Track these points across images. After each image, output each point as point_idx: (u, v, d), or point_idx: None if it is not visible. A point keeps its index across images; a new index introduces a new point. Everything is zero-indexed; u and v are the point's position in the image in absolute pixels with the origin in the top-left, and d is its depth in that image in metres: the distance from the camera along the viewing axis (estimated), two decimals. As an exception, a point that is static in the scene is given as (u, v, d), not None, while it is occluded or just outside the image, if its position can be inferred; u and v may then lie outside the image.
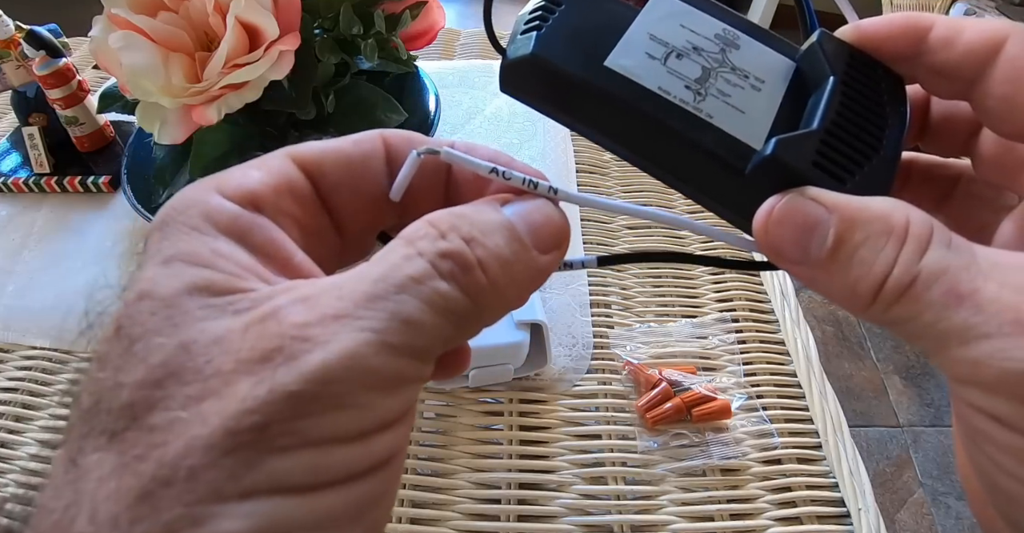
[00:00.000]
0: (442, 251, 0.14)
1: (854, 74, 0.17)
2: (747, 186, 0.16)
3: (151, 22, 0.40)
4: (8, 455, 0.41)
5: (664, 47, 0.17)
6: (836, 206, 0.15)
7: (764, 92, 0.17)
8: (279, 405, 0.12)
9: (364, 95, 0.47)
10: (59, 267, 0.51)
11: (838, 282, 0.15)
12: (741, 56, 0.18)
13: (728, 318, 0.47)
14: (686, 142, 0.16)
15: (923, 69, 0.17)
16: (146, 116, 0.42)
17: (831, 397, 0.42)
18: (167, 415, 0.12)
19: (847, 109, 0.16)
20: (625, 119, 0.16)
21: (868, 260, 0.14)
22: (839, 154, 0.16)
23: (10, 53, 0.55)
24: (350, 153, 0.17)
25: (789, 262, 0.15)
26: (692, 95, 0.16)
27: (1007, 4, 1.43)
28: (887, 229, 0.14)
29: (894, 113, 0.17)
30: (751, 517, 0.37)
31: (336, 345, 0.12)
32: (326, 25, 0.45)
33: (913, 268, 0.14)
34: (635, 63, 0.17)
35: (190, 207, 0.14)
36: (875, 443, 1.17)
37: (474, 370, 0.40)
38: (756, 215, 0.16)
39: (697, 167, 0.17)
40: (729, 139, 0.16)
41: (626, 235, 0.54)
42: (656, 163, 0.17)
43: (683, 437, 0.40)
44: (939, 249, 0.14)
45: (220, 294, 0.13)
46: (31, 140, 0.57)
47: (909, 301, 0.14)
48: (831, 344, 1.31)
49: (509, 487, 0.38)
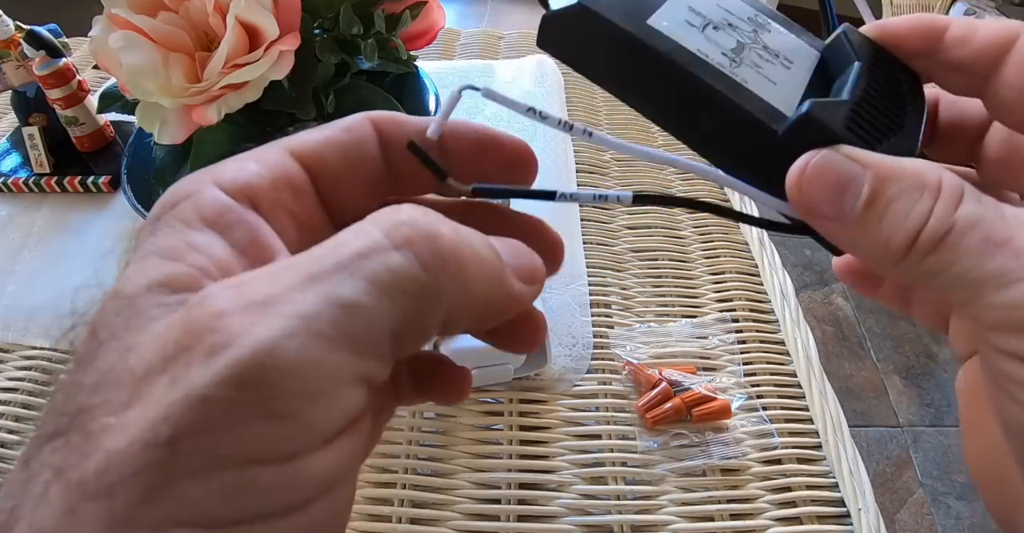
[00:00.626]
0: (402, 220, 0.12)
1: (876, 63, 0.18)
2: (780, 147, 0.16)
3: (151, 22, 0.40)
4: (8, 455, 0.41)
5: (702, 18, 0.18)
6: (871, 163, 0.15)
7: (793, 71, 0.18)
8: (191, 413, 0.10)
9: (364, 95, 0.47)
10: (59, 267, 0.51)
11: (872, 237, 0.15)
12: (771, 38, 0.18)
13: (728, 318, 0.47)
14: (721, 101, 0.16)
15: (939, 65, 0.18)
16: (146, 116, 0.42)
17: (831, 397, 0.43)
18: (102, 421, 0.10)
19: (872, 88, 0.17)
20: (663, 75, 0.17)
21: (903, 213, 0.15)
22: (868, 123, 0.16)
23: (10, 53, 0.55)
24: (345, 141, 0.16)
25: (823, 218, 0.16)
26: (728, 61, 0.17)
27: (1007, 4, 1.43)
28: (921, 184, 0.15)
29: (914, 102, 0.18)
30: (751, 517, 0.37)
31: (250, 337, 0.10)
32: (326, 25, 0.45)
33: (948, 219, 0.14)
34: (676, 26, 0.17)
35: (183, 199, 0.13)
36: (875, 443, 1.17)
37: (474, 370, 0.40)
38: (790, 171, 0.16)
39: (730, 129, 0.17)
40: (763, 103, 0.16)
41: (626, 235, 0.54)
42: (687, 124, 0.17)
43: (683, 437, 0.40)
44: (972, 202, 0.14)
45: (177, 291, 0.12)
46: (31, 140, 0.57)
47: (945, 251, 0.14)
48: (831, 344, 1.31)
49: (509, 487, 0.38)
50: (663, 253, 0.53)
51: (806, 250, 1.49)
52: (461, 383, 0.18)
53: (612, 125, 0.65)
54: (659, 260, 0.52)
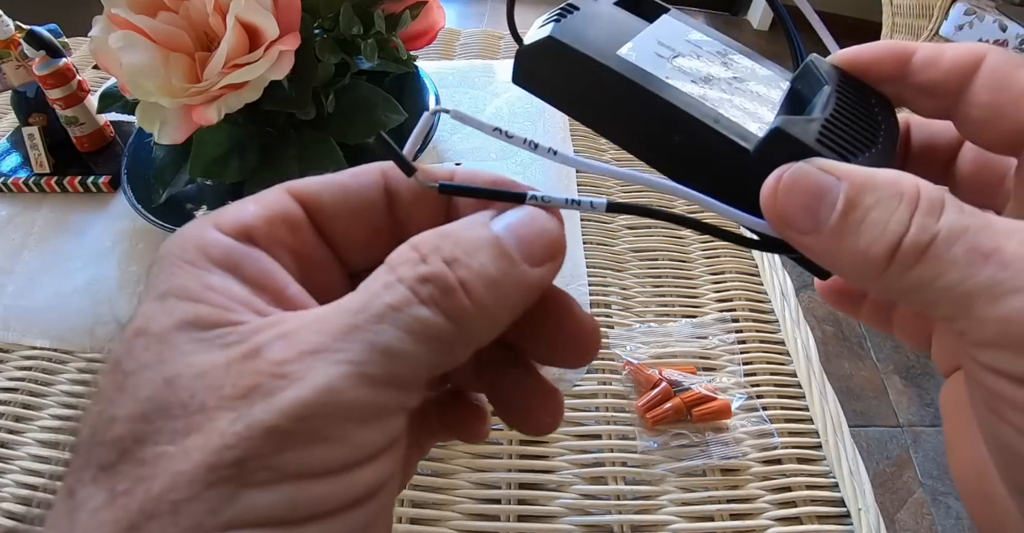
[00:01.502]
0: (422, 275, 0.14)
1: (846, 88, 0.18)
2: (752, 165, 0.16)
3: (151, 22, 0.40)
4: (8, 455, 0.41)
5: (671, 51, 0.18)
6: (846, 173, 0.15)
7: (763, 98, 0.18)
8: (256, 440, 0.12)
9: (364, 95, 0.47)
10: (59, 267, 0.51)
11: (850, 248, 0.14)
12: (740, 70, 0.19)
13: (728, 318, 0.47)
14: (692, 124, 0.16)
15: (909, 89, 0.18)
16: (146, 116, 0.42)
17: (831, 397, 0.43)
18: (155, 449, 0.12)
19: (844, 108, 0.17)
20: (634, 102, 0.17)
21: (881, 221, 0.14)
22: (841, 138, 0.16)
23: (10, 53, 0.55)
24: (347, 184, 0.17)
25: (798, 231, 0.15)
26: (698, 88, 0.17)
27: (1007, 4, 1.43)
28: (898, 192, 0.14)
29: (887, 121, 0.18)
30: (751, 517, 0.37)
31: (311, 380, 0.12)
32: (326, 25, 0.45)
33: (931, 228, 0.14)
34: (645, 57, 0.18)
35: (187, 242, 0.15)
36: (875, 443, 1.17)
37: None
38: (764, 184, 0.15)
39: (703, 151, 0.17)
40: (734, 124, 0.17)
41: (626, 235, 0.54)
42: (661, 150, 0.18)
43: (683, 437, 0.40)
44: (955, 211, 0.14)
45: (209, 328, 0.13)
46: (31, 140, 0.57)
47: (929, 262, 0.14)
48: (831, 344, 1.32)
49: (509, 487, 0.38)
50: (663, 253, 0.53)
51: (806, 250, 1.49)
52: (478, 422, 0.20)
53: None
54: (659, 260, 0.52)
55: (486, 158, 0.57)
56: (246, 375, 0.12)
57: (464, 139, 0.59)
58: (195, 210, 0.49)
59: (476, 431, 0.20)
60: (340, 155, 0.45)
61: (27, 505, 0.38)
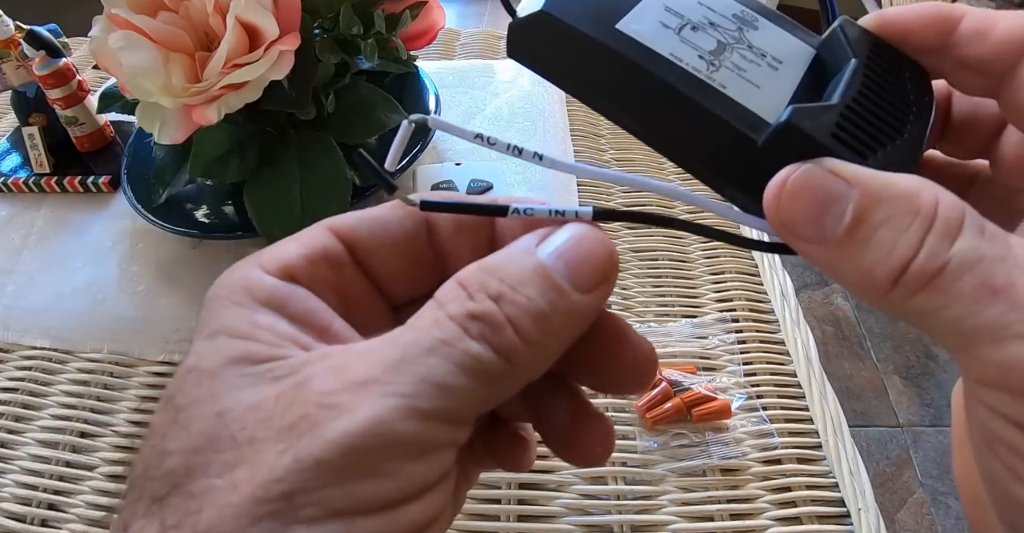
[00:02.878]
0: (470, 312, 0.13)
1: (877, 60, 0.16)
2: (759, 158, 0.15)
3: (151, 22, 0.40)
4: (8, 455, 0.41)
5: (679, 19, 0.16)
6: (858, 180, 0.13)
7: (781, 71, 0.16)
8: (304, 473, 0.12)
9: (364, 95, 0.47)
10: (59, 267, 0.51)
11: (854, 265, 0.13)
12: (759, 37, 0.17)
13: (728, 318, 0.47)
14: (695, 109, 0.15)
15: (951, 62, 0.16)
16: (146, 116, 0.42)
17: (831, 397, 0.42)
18: (204, 482, 0.12)
19: (869, 89, 0.15)
20: (633, 83, 0.16)
21: (889, 242, 0.13)
22: (860, 130, 0.15)
23: (10, 53, 0.55)
24: (384, 218, 0.17)
25: (801, 239, 0.14)
26: (705, 65, 0.16)
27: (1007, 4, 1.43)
28: (913, 209, 0.13)
29: (919, 103, 0.16)
30: (751, 517, 0.37)
31: (361, 412, 0.12)
32: (326, 25, 0.45)
33: (942, 255, 0.12)
34: (648, 29, 0.16)
35: (234, 283, 0.15)
36: (875, 443, 1.17)
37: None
38: (768, 186, 0.14)
39: (705, 138, 0.15)
40: (742, 110, 0.15)
41: (626, 235, 0.54)
42: (662, 134, 0.16)
43: (683, 437, 0.40)
44: (972, 237, 0.13)
45: (259, 362, 0.13)
46: (31, 140, 0.57)
47: (935, 291, 0.12)
48: (831, 344, 1.31)
49: (509, 487, 0.38)
50: (663, 253, 0.53)
51: (806, 250, 1.49)
52: (522, 451, 0.19)
53: (613, 126, 0.65)
54: (659, 260, 0.52)
55: (486, 158, 0.57)
56: (295, 406, 0.12)
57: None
58: (195, 210, 0.49)
59: (521, 460, 0.19)
60: (340, 155, 0.45)
61: (27, 505, 0.38)
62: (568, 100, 0.66)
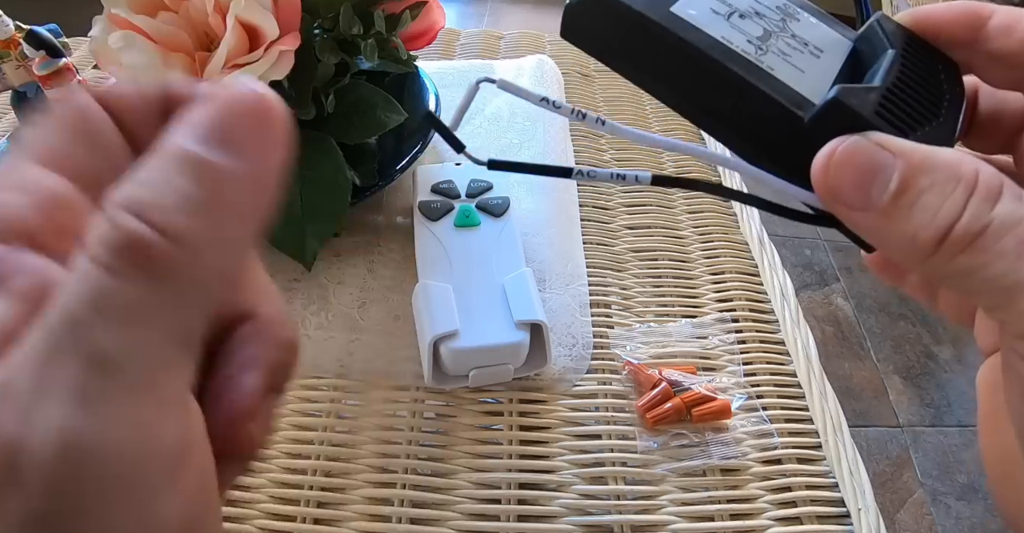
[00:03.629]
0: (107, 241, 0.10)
1: (912, 51, 0.17)
2: (806, 135, 0.16)
3: (151, 22, 0.40)
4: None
5: (728, 7, 0.17)
6: (902, 151, 0.14)
7: (823, 59, 0.17)
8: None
9: (364, 95, 0.47)
10: (59, 267, 0.51)
11: (899, 229, 0.14)
12: (801, 27, 0.18)
13: (728, 318, 0.47)
14: (746, 87, 0.16)
15: (980, 56, 0.17)
16: (146, 116, 0.42)
17: (831, 397, 0.43)
18: None
19: (907, 76, 0.16)
20: (686, 62, 0.16)
21: (934, 206, 0.14)
22: (901, 110, 0.16)
23: (10, 53, 0.55)
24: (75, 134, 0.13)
25: (848, 207, 0.15)
26: (754, 48, 0.17)
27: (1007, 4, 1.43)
28: (956, 176, 0.14)
29: (952, 91, 0.17)
30: (751, 517, 0.37)
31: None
32: (326, 25, 0.45)
33: (984, 217, 0.13)
34: (700, 14, 0.17)
35: None
36: (875, 443, 1.17)
37: (474, 370, 0.40)
38: (816, 157, 0.15)
39: (754, 116, 0.16)
40: (789, 90, 0.16)
41: (626, 235, 0.54)
42: (710, 112, 0.17)
43: (683, 437, 0.40)
44: (1011, 201, 0.14)
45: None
46: (31, 140, 0.57)
47: (978, 250, 0.13)
48: (831, 344, 1.31)
49: (509, 487, 0.38)
50: (663, 253, 0.53)
51: (806, 250, 1.50)
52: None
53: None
54: (659, 260, 0.52)
55: (487, 156, 0.57)
56: None
57: (465, 139, 0.59)
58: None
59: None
60: (340, 155, 0.45)
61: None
62: (568, 99, 0.66)
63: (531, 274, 0.42)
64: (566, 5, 0.17)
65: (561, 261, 0.49)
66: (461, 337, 0.38)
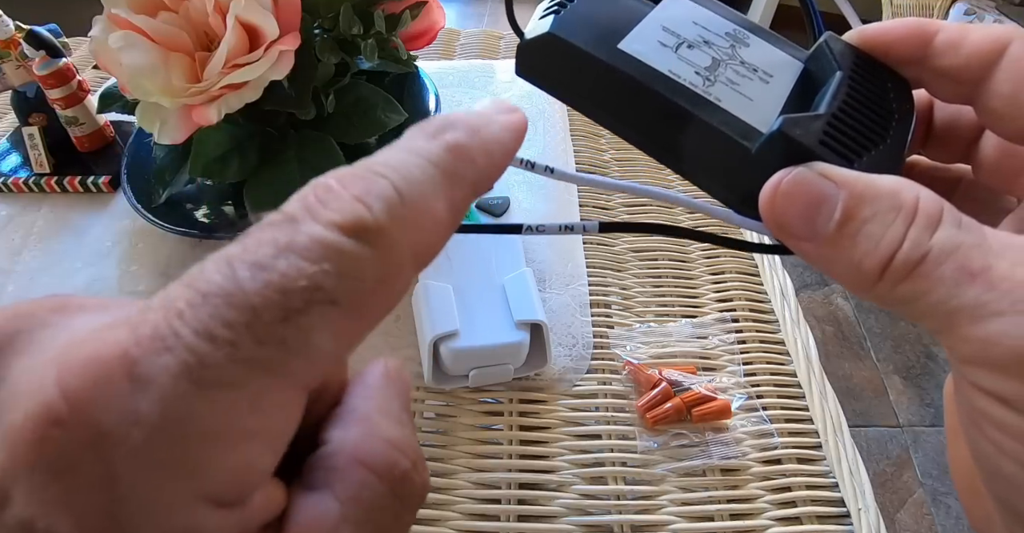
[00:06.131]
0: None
1: (860, 72, 0.17)
2: (753, 165, 0.16)
3: (151, 22, 0.40)
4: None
5: (675, 38, 0.18)
6: (845, 181, 0.15)
7: (772, 85, 0.17)
8: None
9: (364, 95, 0.47)
10: (59, 267, 0.51)
11: (844, 258, 0.15)
12: (750, 53, 0.18)
13: (728, 318, 0.47)
14: (694, 121, 0.16)
15: (928, 72, 0.17)
16: (146, 116, 0.42)
17: (831, 397, 0.43)
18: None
19: (853, 99, 0.17)
20: (635, 99, 0.17)
21: (876, 235, 0.14)
22: (846, 136, 0.16)
23: (10, 53, 0.55)
24: None
25: (795, 237, 0.15)
26: (702, 80, 0.17)
27: (1007, 4, 1.43)
28: (896, 205, 0.14)
29: (900, 110, 0.17)
30: (751, 517, 0.37)
31: None
32: (326, 25, 0.45)
33: (923, 245, 0.14)
34: (647, 48, 0.17)
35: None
36: (875, 443, 1.17)
37: (474, 370, 0.40)
38: (763, 189, 0.15)
39: (703, 148, 0.17)
40: (736, 120, 0.16)
41: (626, 235, 0.54)
42: (663, 145, 0.17)
43: (683, 437, 0.40)
44: (950, 227, 0.14)
45: None
46: (31, 140, 0.57)
47: (918, 278, 0.14)
48: (831, 344, 1.31)
49: (509, 487, 0.38)
50: (663, 253, 0.53)
51: (806, 250, 1.49)
52: None
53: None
54: (659, 260, 0.52)
55: (486, 158, 0.57)
56: None
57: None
58: (195, 210, 0.49)
59: None
60: (340, 155, 0.45)
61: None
62: (568, 100, 0.66)
63: (531, 274, 0.42)
64: (518, 45, 0.18)
65: (561, 261, 0.49)
66: (461, 337, 0.38)
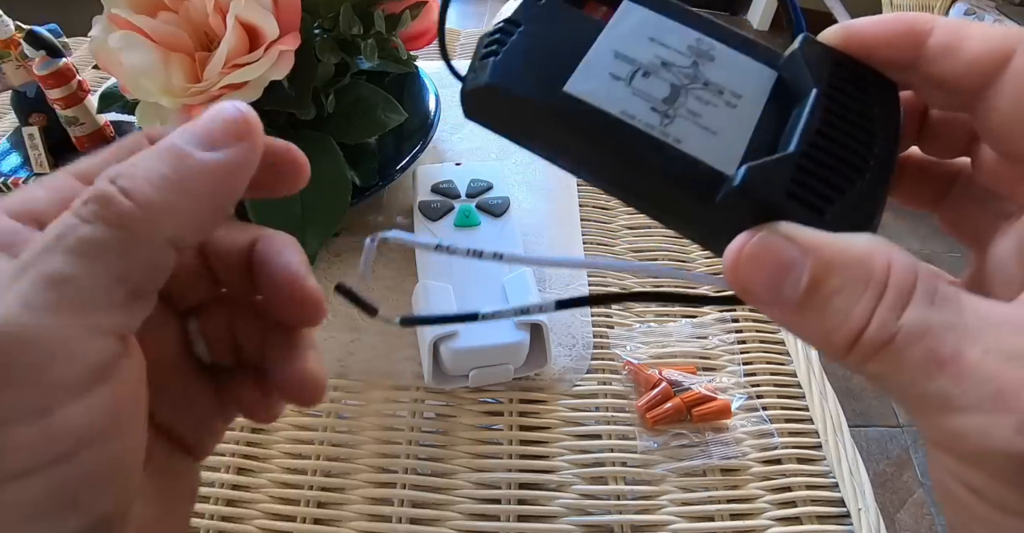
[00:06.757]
0: (83, 199, 0.14)
1: (839, 84, 0.16)
2: (718, 215, 0.15)
3: (151, 22, 0.40)
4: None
5: (630, 65, 0.16)
6: (812, 246, 0.14)
7: (740, 108, 0.16)
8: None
9: (364, 95, 0.47)
10: (59, 267, 0.51)
11: (811, 327, 0.14)
12: (716, 68, 0.16)
13: (728, 318, 0.47)
14: (652, 171, 0.15)
15: (920, 79, 0.16)
16: (146, 116, 0.42)
17: (831, 397, 0.43)
18: None
19: (829, 126, 0.15)
20: (588, 148, 0.16)
21: (843, 310, 0.13)
22: (817, 180, 0.14)
23: (10, 53, 0.55)
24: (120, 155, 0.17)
25: (760, 303, 0.14)
26: (659, 118, 0.15)
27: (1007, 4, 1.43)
28: (865, 276, 0.13)
29: (884, 125, 0.16)
30: (751, 517, 0.37)
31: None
32: (326, 25, 0.45)
33: (891, 325, 0.13)
34: (597, 86, 0.15)
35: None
36: (875, 443, 1.17)
37: (474, 370, 0.40)
38: (725, 253, 0.15)
39: (665, 195, 0.16)
40: (699, 165, 0.15)
41: (626, 235, 0.54)
42: (624, 191, 0.17)
43: (683, 437, 0.40)
44: (921, 305, 0.13)
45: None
46: (31, 140, 0.57)
47: (886, 359, 0.13)
48: (831, 344, 1.31)
49: (509, 487, 0.38)
50: (663, 253, 0.53)
51: (806, 250, 1.49)
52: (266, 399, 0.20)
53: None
54: (659, 260, 0.52)
55: (486, 157, 0.57)
56: None
57: (464, 139, 0.59)
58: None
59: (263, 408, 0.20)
60: (340, 155, 0.45)
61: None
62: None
63: (531, 274, 0.42)
64: (460, 90, 0.17)
65: (561, 261, 0.49)
66: (461, 337, 0.38)
